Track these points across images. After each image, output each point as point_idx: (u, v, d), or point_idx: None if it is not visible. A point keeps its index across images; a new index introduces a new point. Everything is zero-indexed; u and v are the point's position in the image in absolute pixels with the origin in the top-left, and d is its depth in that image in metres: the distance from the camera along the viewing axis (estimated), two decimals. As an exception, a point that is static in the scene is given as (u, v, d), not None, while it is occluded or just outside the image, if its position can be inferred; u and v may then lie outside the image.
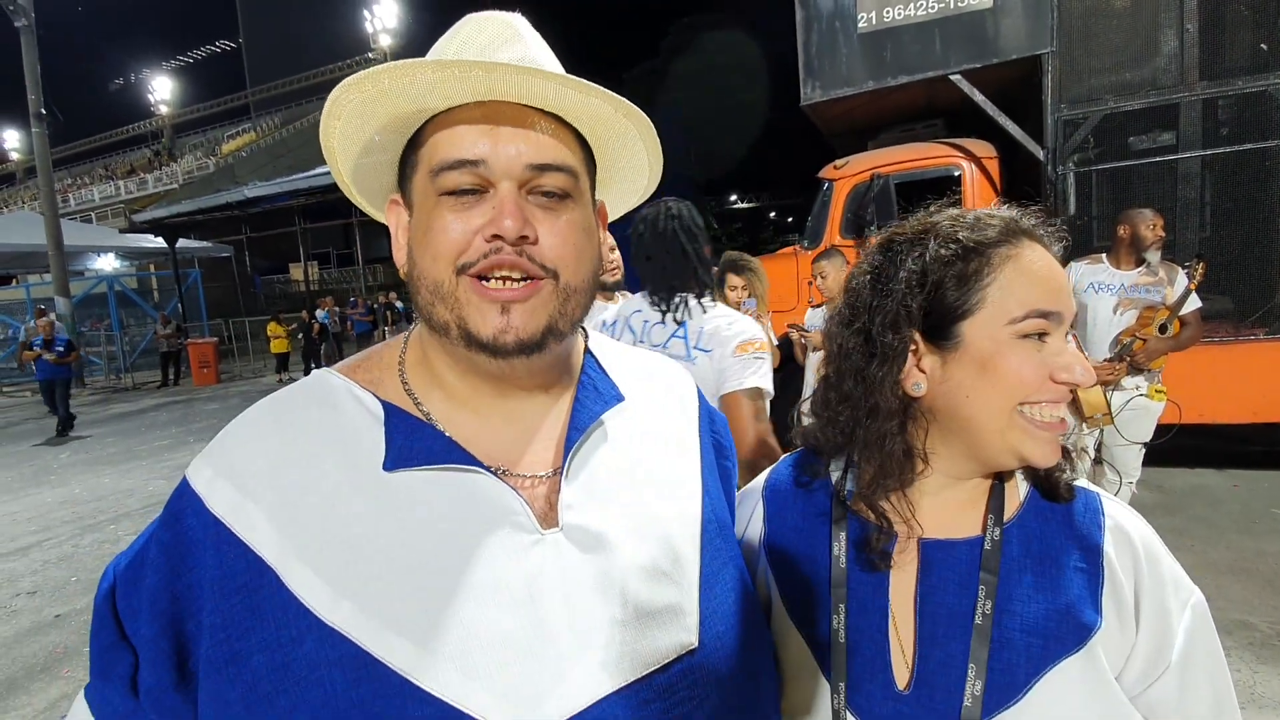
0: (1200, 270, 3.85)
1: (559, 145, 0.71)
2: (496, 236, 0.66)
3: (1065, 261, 0.81)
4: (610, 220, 0.88)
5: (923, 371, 0.78)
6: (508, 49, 0.72)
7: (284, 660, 0.63)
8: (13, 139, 57.23)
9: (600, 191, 0.82)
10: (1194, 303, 3.87)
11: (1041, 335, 0.74)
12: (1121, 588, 0.74)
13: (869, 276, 0.83)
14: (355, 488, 0.68)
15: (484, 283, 0.68)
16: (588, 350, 0.86)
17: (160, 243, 20.78)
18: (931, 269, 0.77)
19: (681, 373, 0.94)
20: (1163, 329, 3.81)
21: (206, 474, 0.70)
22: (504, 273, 0.68)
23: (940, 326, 0.77)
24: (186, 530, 0.68)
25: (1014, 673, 0.72)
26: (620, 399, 0.82)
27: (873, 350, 0.79)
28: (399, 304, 18.21)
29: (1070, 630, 0.72)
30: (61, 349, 11.31)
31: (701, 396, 0.94)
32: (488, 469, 0.71)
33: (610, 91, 0.70)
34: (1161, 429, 3.97)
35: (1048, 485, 0.80)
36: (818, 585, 0.83)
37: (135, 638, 0.70)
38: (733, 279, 4.42)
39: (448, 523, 0.67)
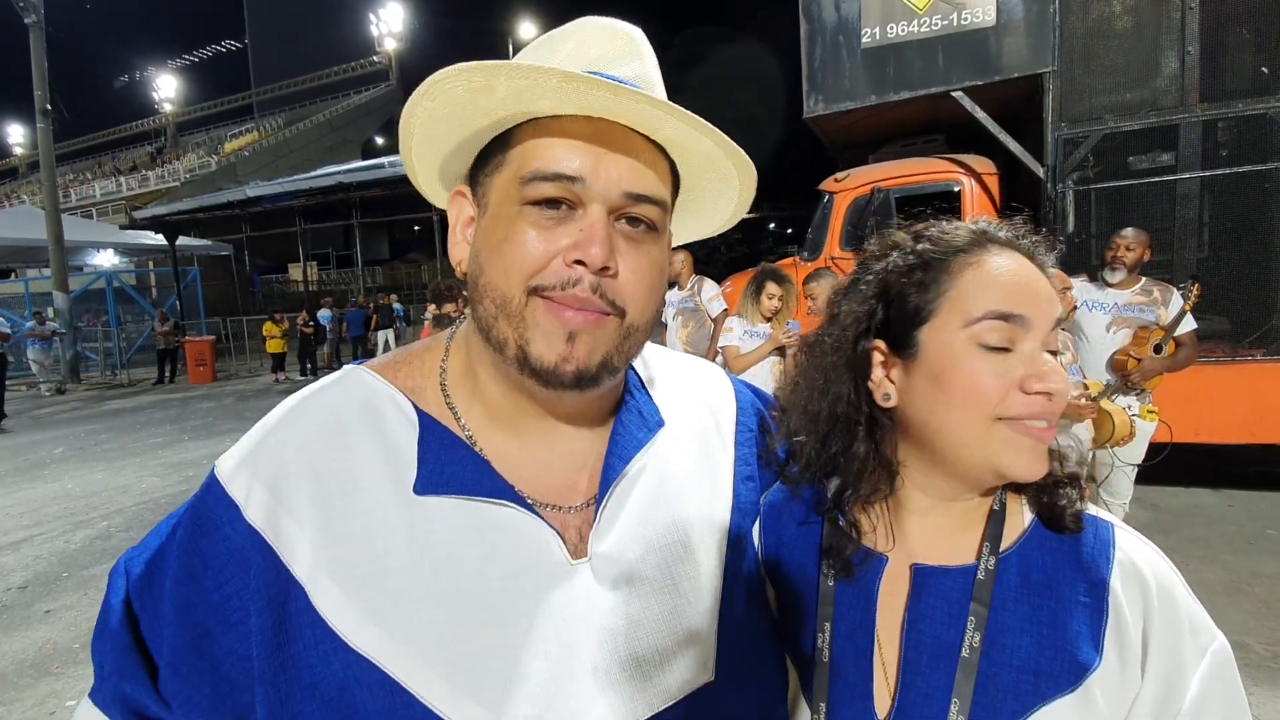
0: (1195, 291, 3.88)
1: (656, 176, 0.68)
2: (579, 262, 0.63)
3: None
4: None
5: (892, 382, 0.77)
6: (625, 65, 0.69)
7: (312, 680, 0.62)
8: (17, 133, 57.33)
9: (674, 218, 0.77)
10: (1189, 323, 3.90)
11: (1005, 346, 0.70)
12: (1127, 627, 0.68)
13: (844, 291, 0.83)
14: (389, 508, 0.66)
15: (554, 304, 0.64)
16: (629, 365, 0.82)
17: (160, 240, 20.79)
18: (892, 278, 0.77)
19: (717, 379, 0.91)
20: (1157, 349, 3.84)
21: (243, 478, 0.67)
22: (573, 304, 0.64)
23: (902, 335, 0.76)
24: (226, 538, 0.66)
25: (998, 710, 0.69)
26: (661, 424, 0.80)
27: (842, 361, 0.80)
28: (397, 306, 18.16)
29: (1065, 668, 0.68)
30: None
31: (740, 400, 0.90)
32: (521, 499, 0.68)
33: (723, 134, 0.68)
34: (1154, 449, 3.99)
35: (1051, 514, 0.74)
36: (805, 603, 0.81)
37: (156, 645, 0.68)
38: (772, 288, 4.53)
39: (478, 555, 0.66)
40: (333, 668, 0.62)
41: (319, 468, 0.67)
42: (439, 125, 0.69)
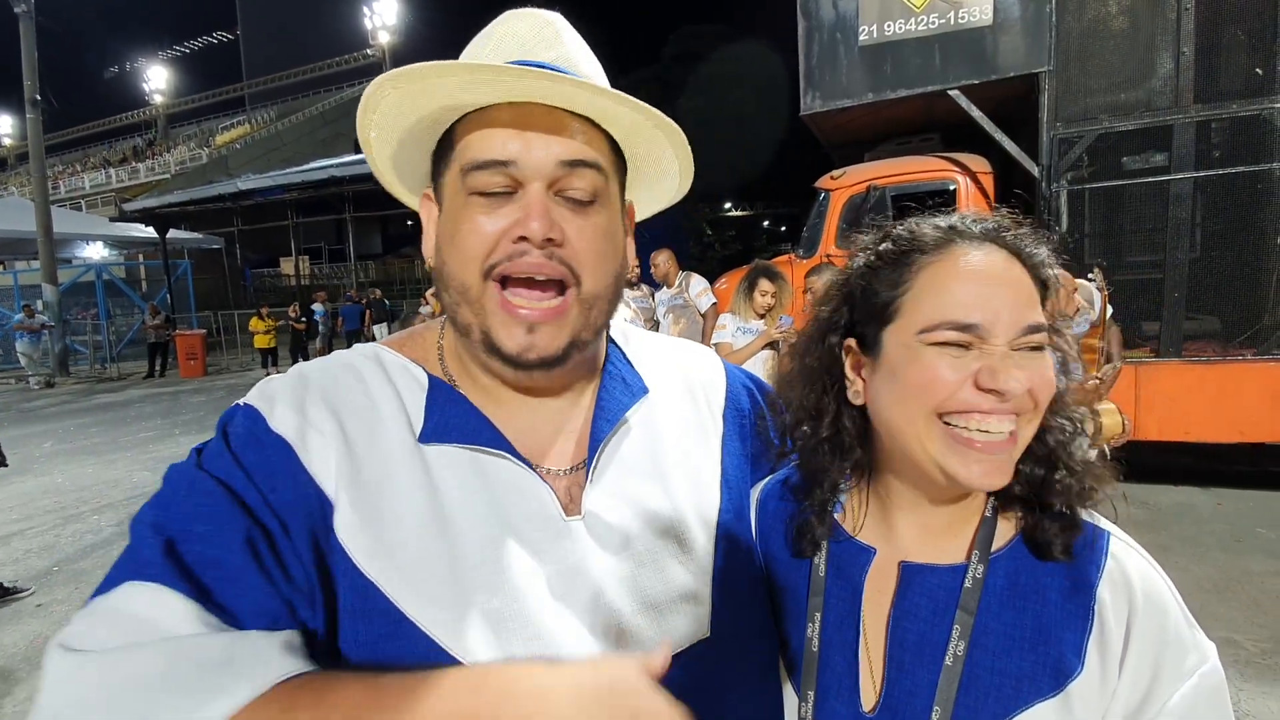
0: (1100, 274, 3.94)
1: (589, 146, 0.71)
2: (523, 238, 0.67)
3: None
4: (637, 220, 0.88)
5: (863, 380, 0.77)
6: (546, 49, 0.73)
7: (338, 593, 0.65)
8: (6, 125, 56.71)
9: (629, 192, 0.82)
10: (1108, 308, 3.98)
11: (963, 344, 0.68)
12: (1110, 634, 0.68)
13: (830, 288, 0.85)
14: (400, 453, 0.70)
15: (509, 296, 0.68)
16: (610, 340, 0.86)
17: (150, 232, 20.59)
18: (854, 279, 0.78)
19: (707, 360, 0.94)
20: (1108, 358, 3.92)
21: (267, 405, 0.69)
22: (528, 275, 0.67)
23: (868, 335, 0.76)
24: (264, 445, 0.66)
25: (978, 713, 0.68)
26: (645, 390, 0.83)
27: (815, 360, 0.81)
28: (386, 301, 18.10)
29: (1047, 673, 0.68)
30: None
31: (730, 379, 0.92)
32: (517, 454, 0.72)
33: (641, 102, 0.71)
34: (1125, 447, 4.03)
35: (1033, 540, 0.72)
36: (796, 596, 0.82)
37: (277, 506, 0.64)
38: (765, 284, 4.55)
39: (478, 503, 0.69)
40: (342, 585, 0.65)
41: (340, 401, 0.71)
42: (387, 133, 0.74)
